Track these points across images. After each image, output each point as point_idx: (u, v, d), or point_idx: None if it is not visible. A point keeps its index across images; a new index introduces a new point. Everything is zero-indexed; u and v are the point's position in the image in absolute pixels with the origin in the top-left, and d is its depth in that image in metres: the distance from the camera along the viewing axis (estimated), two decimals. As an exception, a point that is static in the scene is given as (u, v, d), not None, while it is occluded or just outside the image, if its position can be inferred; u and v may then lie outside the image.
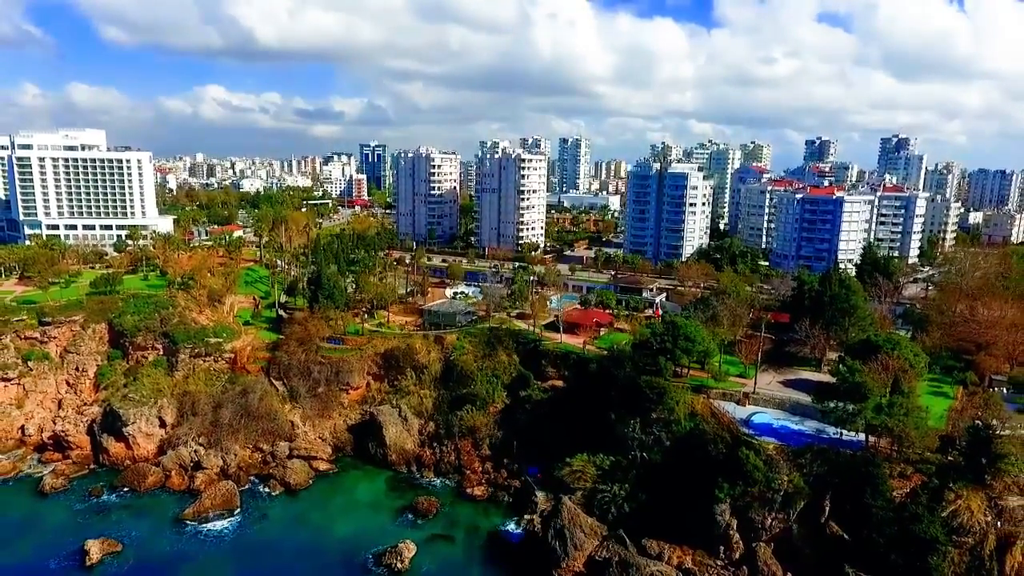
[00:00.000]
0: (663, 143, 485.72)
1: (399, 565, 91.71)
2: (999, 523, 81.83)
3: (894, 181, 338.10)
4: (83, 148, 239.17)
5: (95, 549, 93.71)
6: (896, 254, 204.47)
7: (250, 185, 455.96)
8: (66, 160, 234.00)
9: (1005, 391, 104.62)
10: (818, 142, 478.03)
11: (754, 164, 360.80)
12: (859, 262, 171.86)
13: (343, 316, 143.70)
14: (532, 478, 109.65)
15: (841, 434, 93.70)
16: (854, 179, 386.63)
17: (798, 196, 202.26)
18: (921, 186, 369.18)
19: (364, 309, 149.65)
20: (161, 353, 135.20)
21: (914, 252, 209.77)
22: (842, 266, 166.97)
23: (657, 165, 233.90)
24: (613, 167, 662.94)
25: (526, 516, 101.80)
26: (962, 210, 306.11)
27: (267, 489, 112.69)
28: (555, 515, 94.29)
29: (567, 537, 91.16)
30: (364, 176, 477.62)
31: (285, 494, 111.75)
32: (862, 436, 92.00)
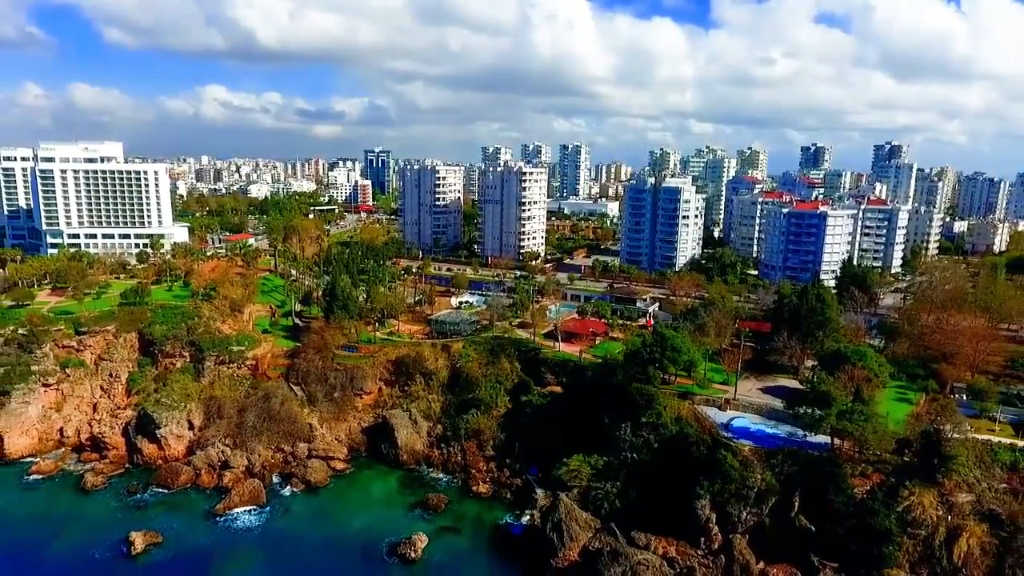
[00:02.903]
0: (661, 149, 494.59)
1: (412, 555, 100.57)
2: (949, 517, 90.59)
3: (885, 189, 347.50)
4: (102, 160, 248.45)
5: (139, 540, 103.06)
6: (879, 264, 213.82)
7: (258, 190, 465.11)
8: (86, 172, 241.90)
9: (964, 397, 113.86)
10: (813, 148, 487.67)
11: (748, 174, 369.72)
12: (839, 275, 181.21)
13: (356, 325, 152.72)
14: (532, 477, 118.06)
15: (806, 436, 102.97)
16: (848, 186, 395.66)
17: (784, 210, 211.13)
18: (911, 193, 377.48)
19: (375, 318, 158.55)
20: (188, 360, 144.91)
21: (897, 262, 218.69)
22: (825, 277, 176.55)
23: (652, 180, 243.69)
24: (613, 170, 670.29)
25: (527, 511, 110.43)
26: (947, 219, 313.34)
27: (290, 486, 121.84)
28: (553, 510, 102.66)
29: (564, 530, 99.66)
30: (369, 182, 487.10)
31: (306, 491, 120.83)
32: (828, 439, 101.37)
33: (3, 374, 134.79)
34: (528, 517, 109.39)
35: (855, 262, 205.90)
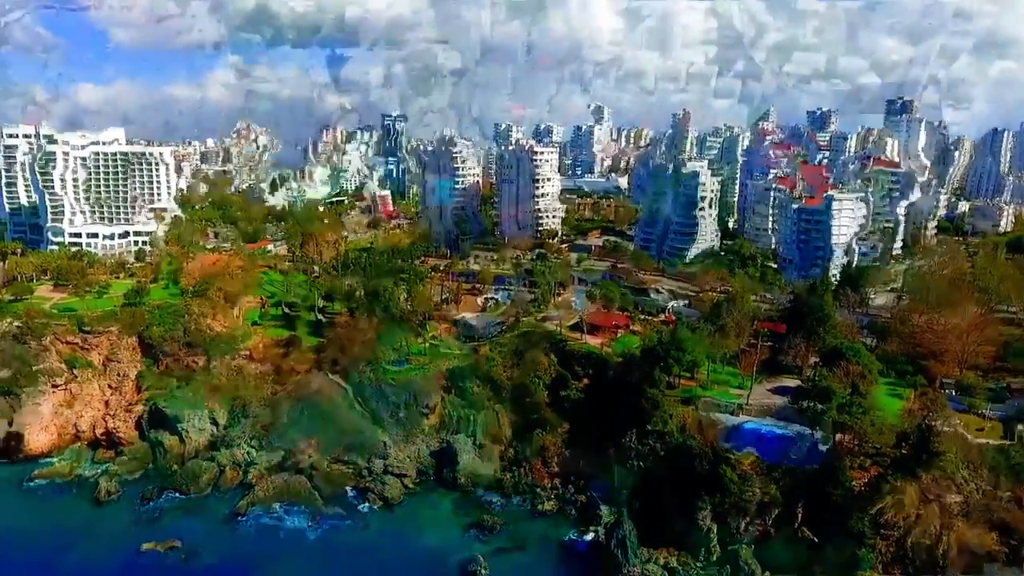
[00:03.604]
0: (684, 110, 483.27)
1: (482, 572, 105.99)
2: (939, 516, 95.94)
3: (897, 145, 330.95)
4: (103, 144, 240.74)
5: (160, 546, 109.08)
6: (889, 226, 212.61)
7: (273, 199, 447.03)
8: (84, 158, 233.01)
9: (952, 393, 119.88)
10: (819, 112, 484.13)
11: (761, 125, 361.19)
12: (838, 275, 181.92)
13: (407, 338, 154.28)
14: (597, 494, 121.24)
15: (814, 433, 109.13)
16: (853, 149, 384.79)
17: (794, 206, 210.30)
18: (921, 147, 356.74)
19: (418, 322, 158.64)
20: (200, 358, 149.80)
21: (898, 243, 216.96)
22: (832, 273, 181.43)
23: (671, 165, 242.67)
24: (634, 135, 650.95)
25: (591, 528, 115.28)
26: (952, 200, 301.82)
27: (367, 502, 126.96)
28: (618, 527, 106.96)
29: (628, 546, 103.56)
30: (388, 192, 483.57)
31: (384, 507, 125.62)
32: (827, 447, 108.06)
33: (10, 376, 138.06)
34: (592, 534, 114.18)
35: (872, 232, 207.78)
